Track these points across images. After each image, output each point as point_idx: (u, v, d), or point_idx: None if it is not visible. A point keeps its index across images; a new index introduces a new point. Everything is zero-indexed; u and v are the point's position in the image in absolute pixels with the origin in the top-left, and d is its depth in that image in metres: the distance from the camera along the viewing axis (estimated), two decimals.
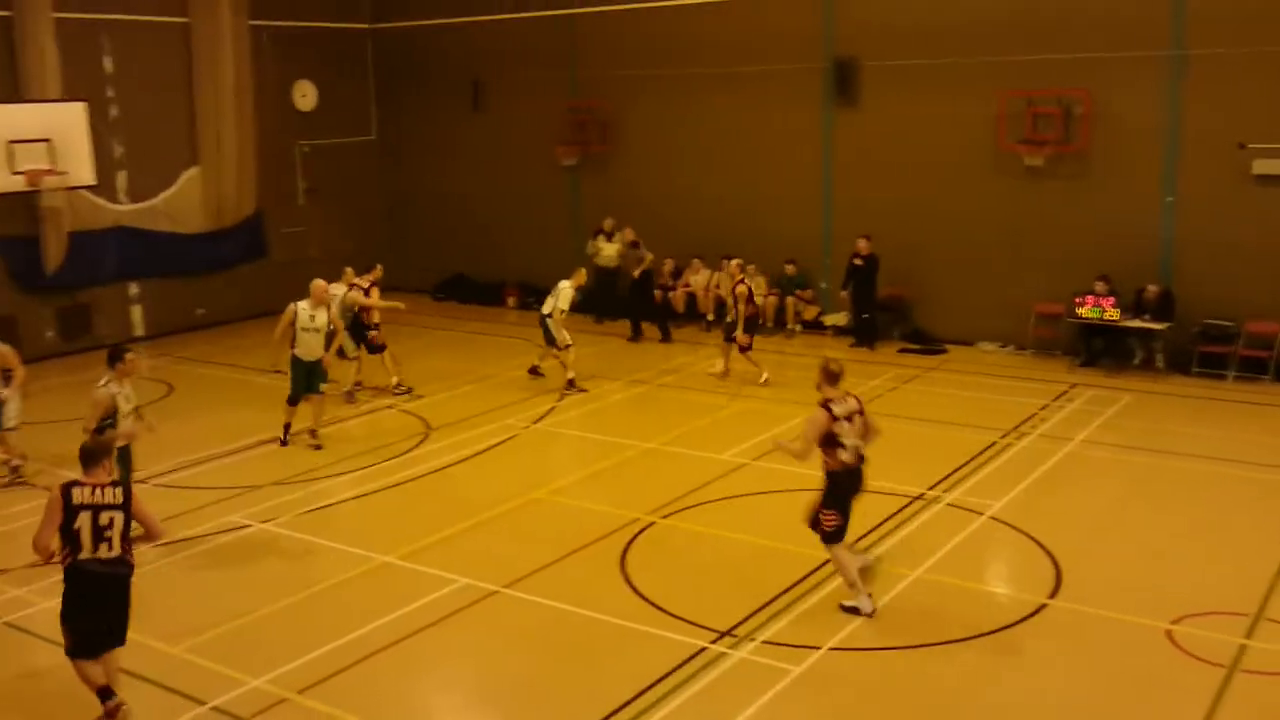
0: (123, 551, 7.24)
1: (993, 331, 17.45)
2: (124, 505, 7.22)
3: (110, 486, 7.24)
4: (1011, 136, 16.61)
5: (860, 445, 8.67)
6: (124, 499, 7.23)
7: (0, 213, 17.37)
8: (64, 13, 17.77)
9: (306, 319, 13.13)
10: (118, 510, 7.18)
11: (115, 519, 7.16)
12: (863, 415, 8.74)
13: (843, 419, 8.59)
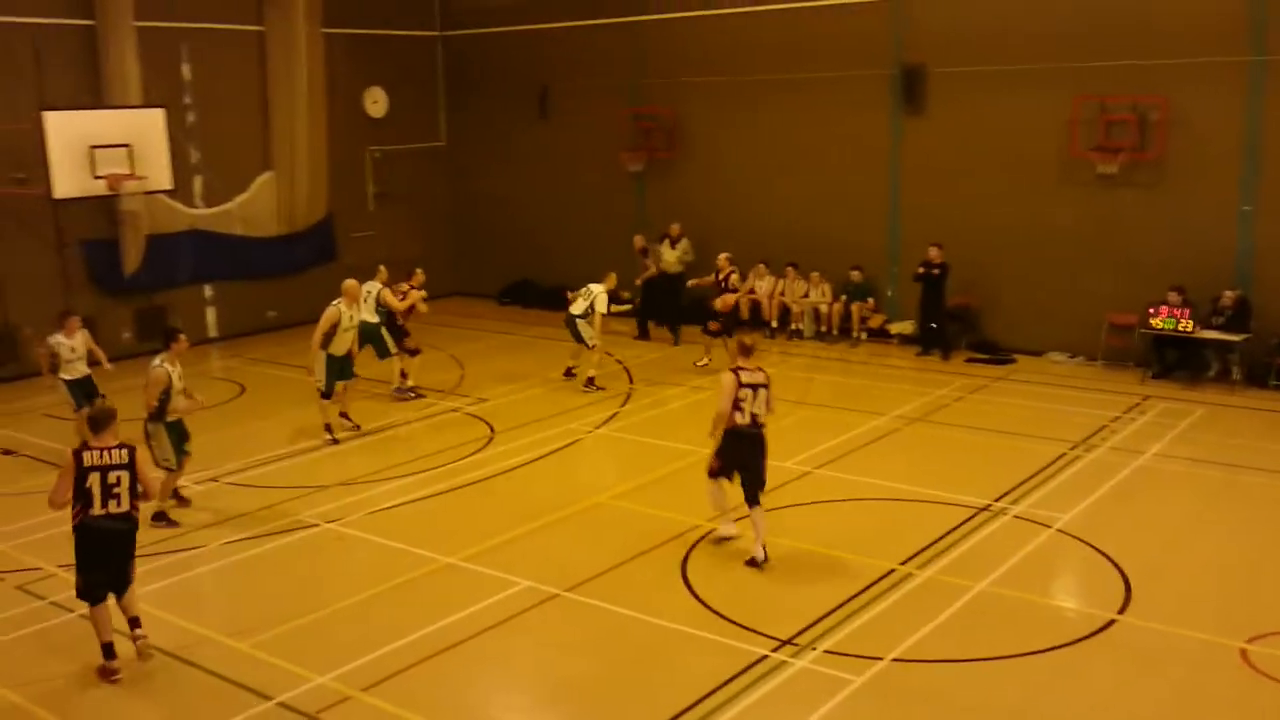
0: (130, 507, 8.06)
1: (1062, 342, 17.17)
2: (129, 465, 8.01)
3: (117, 449, 8.03)
4: (1084, 143, 16.35)
5: (759, 414, 9.85)
6: (129, 459, 8.02)
7: (82, 216, 17.86)
8: (145, 21, 18.22)
9: (347, 320, 13.51)
10: (124, 469, 8.00)
11: (122, 477, 7.99)
12: (767, 389, 9.88)
13: (748, 386, 9.75)
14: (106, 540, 8.05)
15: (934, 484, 11.68)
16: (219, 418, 15.10)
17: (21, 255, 17.34)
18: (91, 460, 7.96)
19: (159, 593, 9.54)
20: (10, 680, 8.08)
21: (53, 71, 17.43)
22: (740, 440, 9.85)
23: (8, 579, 9.90)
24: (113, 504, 7.97)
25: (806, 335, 18.92)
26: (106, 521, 8.01)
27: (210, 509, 11.54)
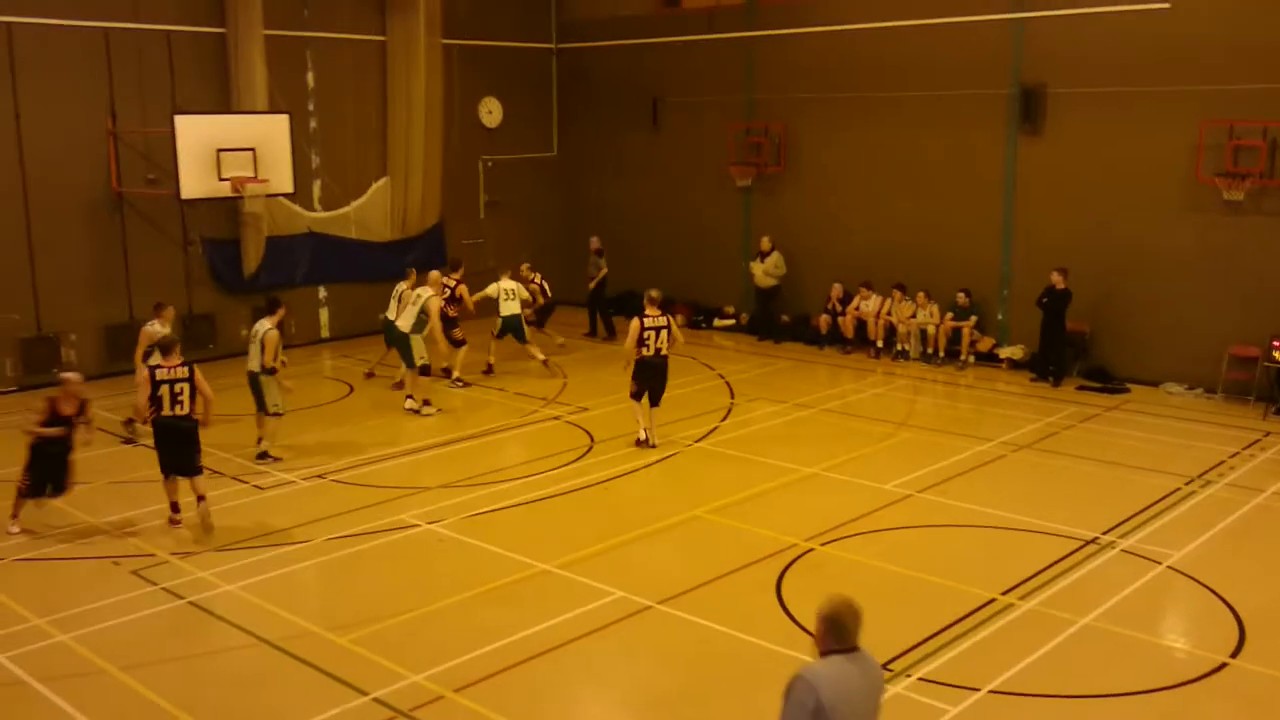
0: (190, 411, 10.76)
1: (1180, 373, 16.62)
2: (190, 379, 10.72)
3: (180, 366, 10.75)
4: (1209, 169, 15.83)
5: (662, 347, 13.53)
6: (189, 374, 10.72)
7: (207, 217, 18.52)
8: (273, 30, 18.84)
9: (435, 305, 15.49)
10: (185, 382, 10.74)
11: (184, 388, 10.72)
12: (668, 330, 13.56)
13: (649, 329, 13.43)
14: (171, 433, 10.80)
15: (1039, 513, 11.40)
16: (327, 416, 15.51)
17: (149, 253, 18.04)
18: (162, 376, 10.72)
19: (263, 584, 9.82)
20: (122, 662, 8.39)
21: (185, 77, 18.14)
22: (647, 367, 13.58)
23: (123, 564, 10.29)
24: (177, 408, 10.73)
25: (912, 356, 18.65)
26: (171, 420, 10.75)
27: (316, 505, 11.83)
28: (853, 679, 4.70)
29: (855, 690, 4.69)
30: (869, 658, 4.85)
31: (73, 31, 16.97)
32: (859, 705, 4.70)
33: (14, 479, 11.21)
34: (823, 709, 4.54)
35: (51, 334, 17.17)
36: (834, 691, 4.59)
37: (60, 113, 16.93)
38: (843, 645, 4.77)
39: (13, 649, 8.61)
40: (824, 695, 4.56)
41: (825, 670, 4.68)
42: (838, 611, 4.81)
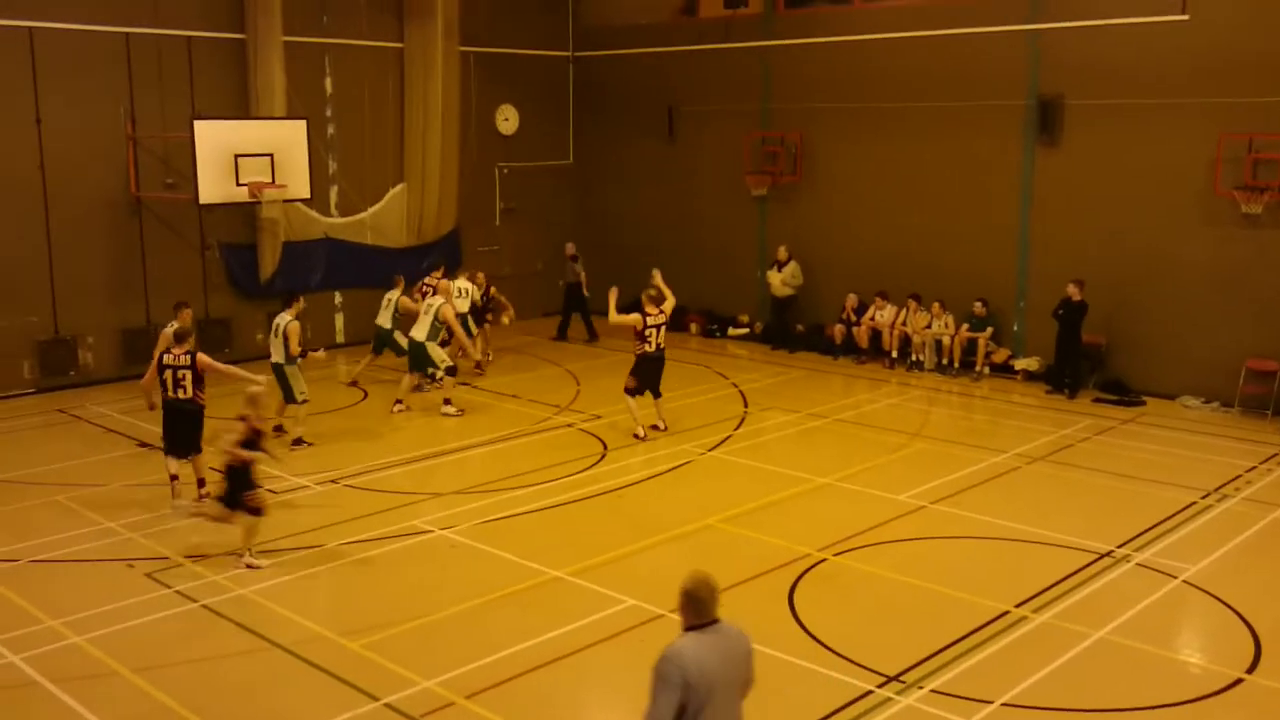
0: (192, 395, 11.60)
1: (1196, 386, 16.53)
2: (190, 366, 11.53)
3: (184, 355, 11.57)
4: (1228, 182, 15.76)
5: (662, 342, 14.24)
6: (190, 363, 11.52)
7: (224, 221, 18.61)
8: (292, 36, 18.95)
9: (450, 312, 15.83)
10: (187, 369, 11.56)
11: (185, 375, 11.57)
12: (664, 327, 14.31)
13: (651, 326, 14.10)
14: (173, 415, 11.70)
15: (1054, 526, 11.35)
16: (342, 421, 15.55)
17: (166, 257, 18.14)
18: (167, 361, 11.64)
19: (276, 589, 9.84)
20: (135, 664, 8.42)
21: (204, 82, 18.25)
22: (649, 363, 14.29)
23: (138, 566, 10.32)
24: (180, 392, 11.59)
25: (927, 367, 18.60)
26: (174, 403, 11.64)
27: (329, 510, 11.86)
28: (715, 651, 5.01)
29: (718, 661, 5.00)
30: (730, 629, 5.16)
31: (94, 36, 17.09)
32: (723, 675, 5.00)
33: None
34: (689, 683, 4.84)
35: (69, 336, 17.27)
36: (698, 665, 4.89)
37: (80, 117, 17.05)
38: (702, 620, 5.08)
39: (27, 650, 8.65)
40: (689, 671, 4.85)
41: (688, 646, 4.98)
42: (694, 588, 5.09)
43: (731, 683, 5.07)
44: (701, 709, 4.88)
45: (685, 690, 4.84)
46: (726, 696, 5.03)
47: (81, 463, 13.52)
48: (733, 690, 5.10)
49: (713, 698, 4.91)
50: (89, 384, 17.23)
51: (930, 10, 18.64)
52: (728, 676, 5.03)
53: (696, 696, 4.87)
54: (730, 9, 20.77)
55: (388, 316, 17.00)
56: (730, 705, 5.09)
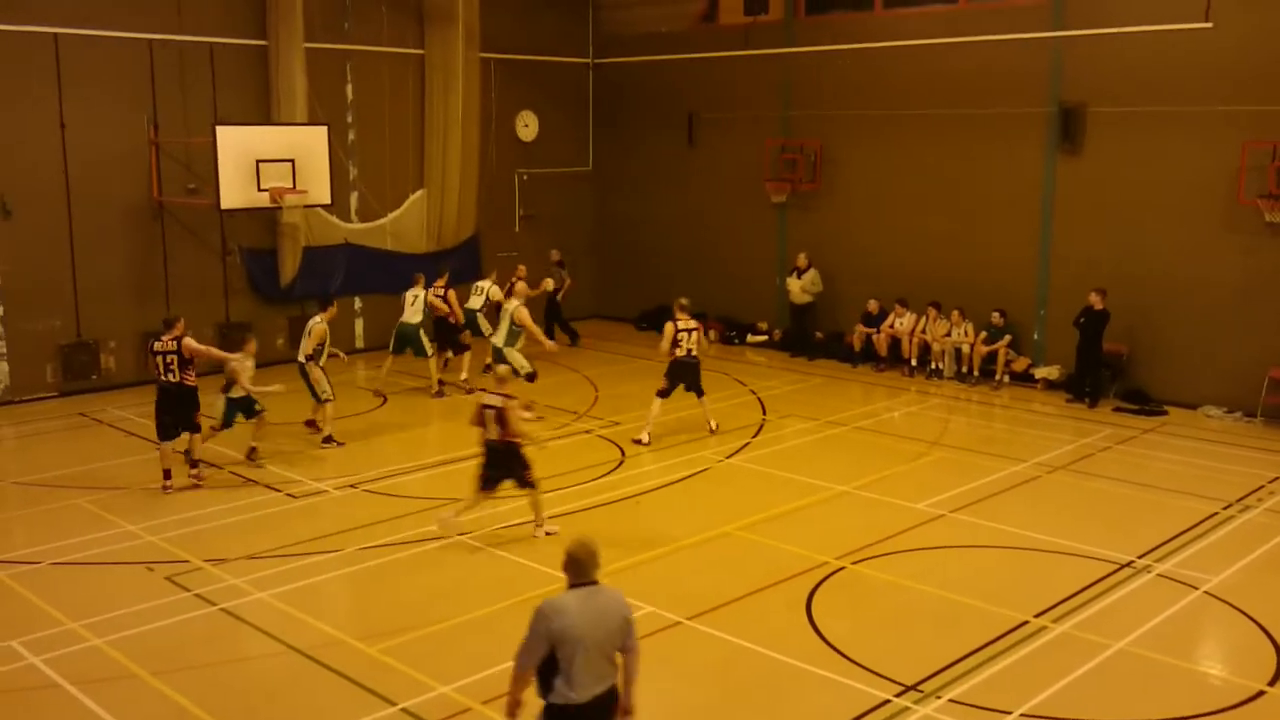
0: (180, 379, 12.47)
1: (1219, 396, 16.42)
2: (177, 352, 12.41)
3: (171, 341, 12.43)
4: (1252, 191, 15.65)
5: (694, 348, 14.68)
6: (176, 348, 12.40)
7: (245, 226, 18.72)
8: (314, 43, 19.05)
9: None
10: (174, 354, 12.42)
11: (173, 359, 12.43)
12: (697, 333, 14.76)
13: (682, 331, 14.51)
14: (164, 396, 12.53)
15: (1074, 536, 11.29)
16: (361, 426, 15.60)
17: (188, 261, 18.26)
18: (157, 349, 12.54)
19: (295, 593, 9.87)
20: (154, 667, 8.46)
21: (226, 88, 18.36)
22: (681, 366, 14.61)
23: (157, 569, 10.38)
24: (169, 375, 12.47)
25: (946, 375, 18.53)
26: (165, 385, 12.50)
27: (348, 515, 11.89)
28: (586, 608, 5.69)
29: (588, 617, 5.66)
30: (606, 590, 5.84)
31: (118, 42, 17.23)
32: (591, 630, 5.65)
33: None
34: (554, 633, 5.59)
35: (91, 340, 17.39)
36: (566, 619, 5.61)
37: (104, 122, 17.19)
38: (580, 580, 5.78)
39: (47, 652, 8.70)
40: (554, 623, 5.61)
41: (561, 602, 5.69)
42: (574, 552, 5.81)
43: (601, 639, 5.69)
44: (572, 658, 5.60)
45: (550, 641, 5.60)
46: (597, 650, 5.68)
47: (102, 466, 13.61)
48: (604, 645, 5.72)
49: (581, 649, 5.61)
50: (110, 388, 17.35)
51: (951, 17, 18.61)
52: (597, 632, 5.67)
53: (565, 647, 5.59)
54: (751, 16, 20.77)
55: (416, 312, 17.08)
56: (600, 658, 5.71)
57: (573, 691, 5.64)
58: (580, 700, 5.66)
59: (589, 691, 5.67)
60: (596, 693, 5.71)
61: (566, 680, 5.63)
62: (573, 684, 5.63)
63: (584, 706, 5.67)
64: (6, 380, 16.75)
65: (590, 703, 5.69)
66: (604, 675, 5.76)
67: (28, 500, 12.51)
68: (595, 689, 5.70)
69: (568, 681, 5.63)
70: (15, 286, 16.66)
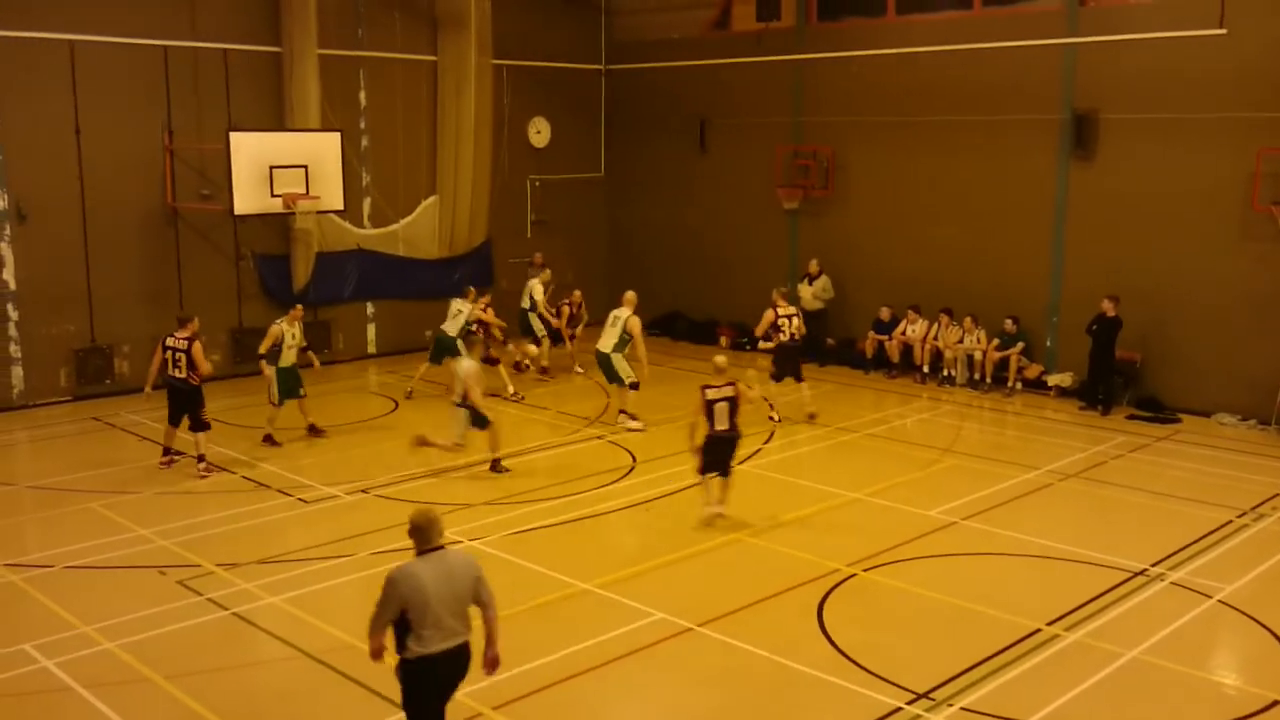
0: (186, 375, 13.04)
1: (1233, 404, 16.34)
2: (186, 350, 13.00)
3: (184, 340, 13.06)
4: (1266, 197, 15.59)
5: (795, 333, 14.93)
6: (187, 347, 13.01)
7: (259, 232, 18.79)
8: (328, 49, 19.13)
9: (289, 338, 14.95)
10: (182, 351, 13.03)
11: (181, 357, 13.04)
12: (798, 318, 14.78)
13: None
14: (171, 391, 13.23)
15: (1086, 544, 11.24)
16: (373, 432, 15.63)
17: (201, 267, 18.32)
18: (169, 344, 13.15)
19: (306, 598, 9.89)
20: (166, 671, 8.48)
21: (240, 94, 18.44)
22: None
23: (170, 573, 10.40)
24: (176, 371, 13.10)
25: (959, 382, 18.48)
26: (172, 380, 13.17)
27: (359, 520, 11.91)
28: (430, 572, 6.25)
29: (433, 581, 6.23)
30: (451, 555, 6.42)
31: (132, 49, 17.31)
32: (440, 591, 6.23)
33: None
34: (404, 596, 6.16)
35: (105, 345, 17.46)
36: (412, 583, 6.18)
37: (118, 128, 17.27)
38: (424, 547, 6.33)
39: (60, 655, 8.73)
40: (402, 587, 6.18)
41: (409, 567, 6.27)
42: (416, 520, 6.37)
43: (450, 598, 6.27)
44: (422, 618, 6.17)
45: (401, 603, 6.16)
46: (446, 609, 6.25)
47: (115, 470, 13.65)
48: (453, 604, 6.30)
49: (430, 609, 6.18)
50: (124, 392, 17.39)
51: (964, 23, 18.60)
52: (445, 593, 6.25)
53: (414, 608, 6.15)
54: (763, 22, 20.77)
55: (455, 326, 17.12)
56: (450, 617, 6.28)
57: (423, 647, 6.22)
58: (430, 653, 6.24)
59: (439, 646, 6.25)
60: (446, 648, 6.28)
61: (417, 638, 6.20)
62: (424, 641, 6.21)
63: (435, 659, 6.26)
64: (21, 384, 16.83)
65: (440, 656, 6.27)
66: (454, 632, 6.32)
67: (41, 504, 12.57)
68: (445, 644, 6.28)
69: (419, 639, 6.21)
70: (30, 291, 16.74)
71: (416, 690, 6.35)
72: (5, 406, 16.58)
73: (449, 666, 6.36)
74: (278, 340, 14.59)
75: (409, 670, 6.30)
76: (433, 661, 6.25)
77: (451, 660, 6.34)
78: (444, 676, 6.38)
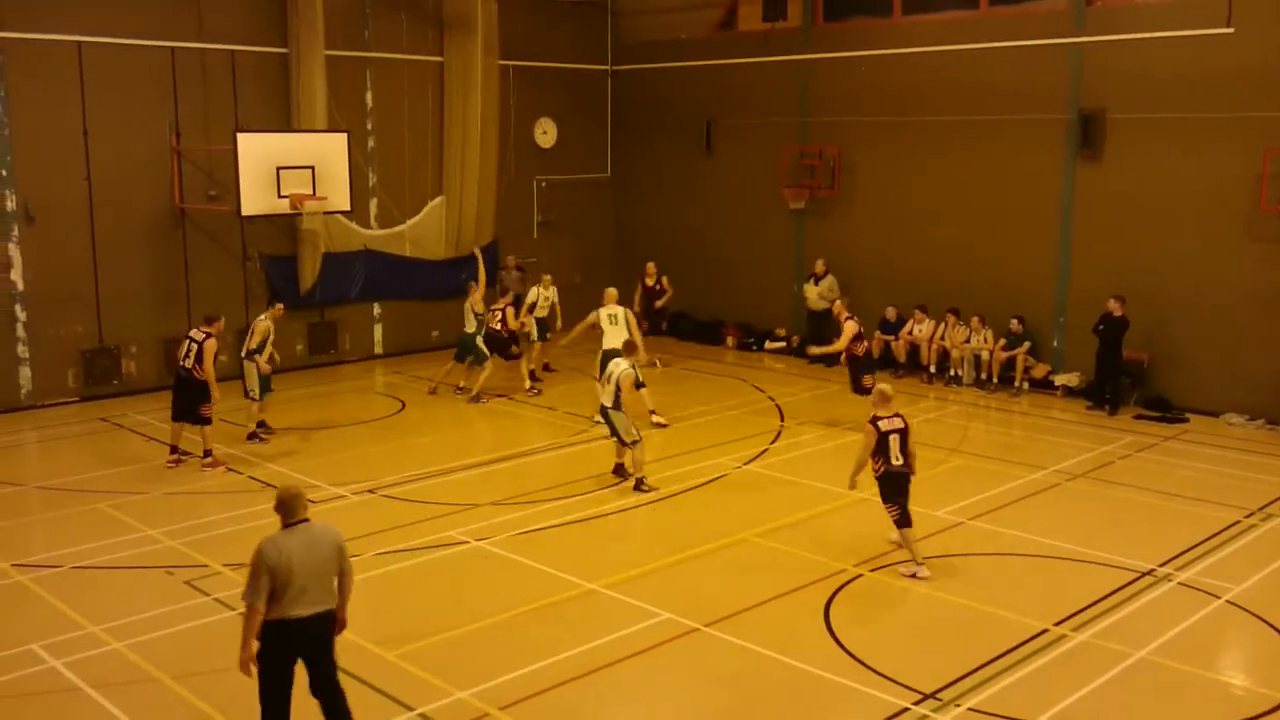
0: (192, 367, 13.27)
1: (1240, 403, 16.30)
2: (201, 343, 13.24)
3: (203, 333, 13.29)
4: (1273, 198, 15.55)
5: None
6: (201, 341, 13.25)
7: (266, 233, 18.81)
8: (334, 50, 19.16)
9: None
10: (197, 343, 13.21)
11: (192, 349, 13.26)
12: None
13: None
14: (179, 382, 13.49)
15: (1094, 544, 11.22)
16: (379, 431, 15.66)
17: (209, 267, 18.35)
18: (190, 334, 13.41)
19: None
20: (174, 670, 8.50)
21: (247, 95, 18.47)
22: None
23: (178, 573, 10.43)
24: (187, 361, 13.34)
25: (965, 382, 18.46)
26: (182, 371, 13.38)
27: (365, 520, 11.92)
28: (295, 543, 6.75)
29: (300, 550, 6.73)
30: (315, 527, 6.90)
31: (140, 50, 17.35)
32: (300, 561, 6.71)
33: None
34: (270, 565, 6.65)
35: (113, 346, 17.50)
36: (277, 553, 6.68)
37: (126, 129, 17.31)
38: (291, 520, 6.81)
39: (68, 655, 8.75)
40: (267, 557, 6.67)
41: (274, 539, 6.75)
42: (282, 496, 6.86)
43: (313, 566, 6.76)
44: (286, 585, 6.64)
45: (268, 573, 6.63)
46: (310, 577, 6.73)
47: (123, 471, 13.68)
48: (317, 572, 6.77)
49: (294, 577, 6.66)
50: (132, 393, 17.45)
51: (970, 23, 18.58)
52: (309, 561, 6.73)
53: (280, 576, 6.63)
54: (769, 22, 20.76)
55: (470, 321, 17.34)
56: (314, 584, 6.76)
57: (284, 611, 6.70)
58: (289, 617, 6.71)
59: (302, 611, 6.73)
60: (309, 613, 6.76)
61: (279, 602, 6.69)
62: (284, 606, 6.69)
63: (299, 622, 6.74)
64: (29, 385, 16.87)
65: (304, 620, 6.76)
66: (318, 599, 6.80)
67: (49, 504, 12.60)
68: (309, 610, 6.75)
69: (281, 603, 6.69)
70: (38, 292, 16.78)
71: (272, 651, 6.80)
72: (13, 407, 16.62)
73: (310, 631, 6.80)
74: (265, 337, 14.79)
75: (268, 631, 6.73)
76: (292, 625, 6.72)
77: (313, 626, 6.81)
78: (304, 641, 6.82)
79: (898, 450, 10.40)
